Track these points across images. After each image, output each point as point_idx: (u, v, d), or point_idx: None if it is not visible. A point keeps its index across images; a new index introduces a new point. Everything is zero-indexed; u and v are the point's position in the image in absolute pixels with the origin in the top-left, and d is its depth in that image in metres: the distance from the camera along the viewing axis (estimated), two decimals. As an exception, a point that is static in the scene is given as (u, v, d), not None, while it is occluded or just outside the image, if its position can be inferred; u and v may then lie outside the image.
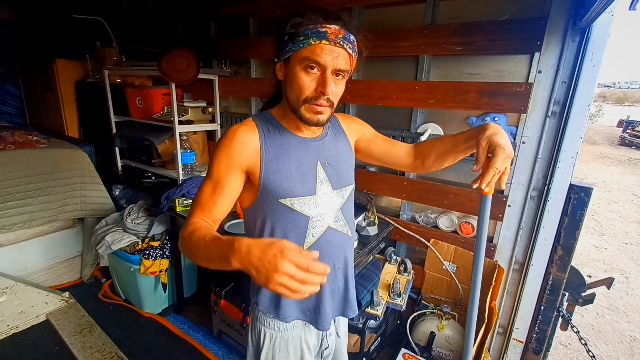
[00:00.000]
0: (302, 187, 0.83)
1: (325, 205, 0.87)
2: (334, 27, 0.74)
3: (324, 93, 0.75)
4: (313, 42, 0.72)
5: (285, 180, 0.81)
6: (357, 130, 1.02)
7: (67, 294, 2.23)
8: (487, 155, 0.77)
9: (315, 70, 0.75)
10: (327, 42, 0.73)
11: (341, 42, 0.74)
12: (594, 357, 1.42)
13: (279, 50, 0.78)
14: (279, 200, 0.82)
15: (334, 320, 1.03)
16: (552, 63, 1.41)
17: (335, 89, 0.77)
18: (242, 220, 1.82)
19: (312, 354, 0.98)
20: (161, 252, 2.08)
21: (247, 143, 0.80)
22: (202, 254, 0.67)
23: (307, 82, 0.76)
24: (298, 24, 0.73)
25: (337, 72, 0.76)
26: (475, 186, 0.79)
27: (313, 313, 0.93)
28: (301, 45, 0.73)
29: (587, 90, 1.35)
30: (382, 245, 1.86)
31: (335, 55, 0.74)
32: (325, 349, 1.01)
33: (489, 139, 0.76)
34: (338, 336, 1.07)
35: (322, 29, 0.73)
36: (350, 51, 0.76)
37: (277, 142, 0.83)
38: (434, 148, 0.96)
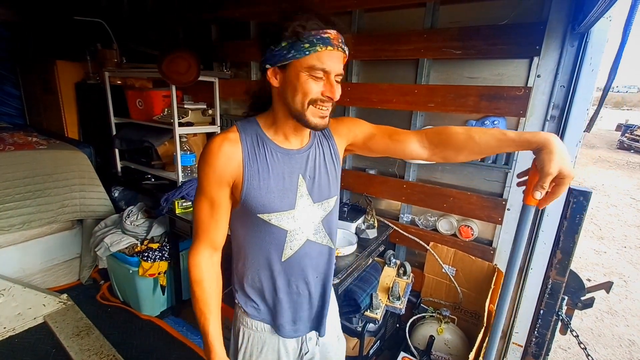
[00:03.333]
0: (282, 202, 0.83)
1: (304, 219, 0.87)
2: (333, 32, 0.73)
3: (333, 98, 0.76)
4: (320, 49, 0.71)
5: (265, 196, 0.81)
6: (346, 134, 0.96)
7: (65, 296, 2.23)
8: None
9: (320, 75, 0.74)
10: (332, 48, 0.73)
11: (342, 47, 0.75)
12: (593, 361, 1.42)
13: (274, 56, 0.75)
14: (257, 215, 0.82)
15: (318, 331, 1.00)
16: (551, 67, 1.42)
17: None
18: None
19: (289, 357, 0.97)
20: (160, 255, 2.08)
21: (230, 159, 0.79)
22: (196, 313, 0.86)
23: (314, 87, 0.74)
24: (299, 29, 0.71)
25: (337, 75, 0.76)
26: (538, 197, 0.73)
27: (292, 324, 0.94)
28: (307, 53, 0.71)
29: (586, 95, 1.35)
30: (381, 248, 1.86)
31: (337, 60, 0.75)
32: (306, 353, 1.00)
33: (561, 170, 0.69)
34: (317, 344, 1.03)
35: (325, 35, 0.72)
36: (346, 53, 0.77)
37: (261, 157, 0.81)
38: (465, 147, 0.83)
